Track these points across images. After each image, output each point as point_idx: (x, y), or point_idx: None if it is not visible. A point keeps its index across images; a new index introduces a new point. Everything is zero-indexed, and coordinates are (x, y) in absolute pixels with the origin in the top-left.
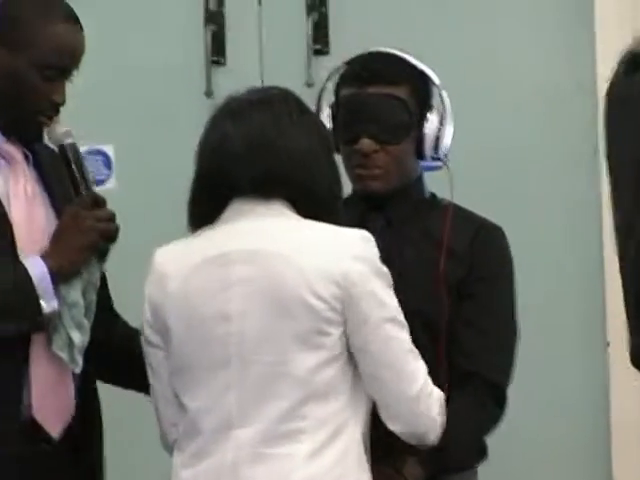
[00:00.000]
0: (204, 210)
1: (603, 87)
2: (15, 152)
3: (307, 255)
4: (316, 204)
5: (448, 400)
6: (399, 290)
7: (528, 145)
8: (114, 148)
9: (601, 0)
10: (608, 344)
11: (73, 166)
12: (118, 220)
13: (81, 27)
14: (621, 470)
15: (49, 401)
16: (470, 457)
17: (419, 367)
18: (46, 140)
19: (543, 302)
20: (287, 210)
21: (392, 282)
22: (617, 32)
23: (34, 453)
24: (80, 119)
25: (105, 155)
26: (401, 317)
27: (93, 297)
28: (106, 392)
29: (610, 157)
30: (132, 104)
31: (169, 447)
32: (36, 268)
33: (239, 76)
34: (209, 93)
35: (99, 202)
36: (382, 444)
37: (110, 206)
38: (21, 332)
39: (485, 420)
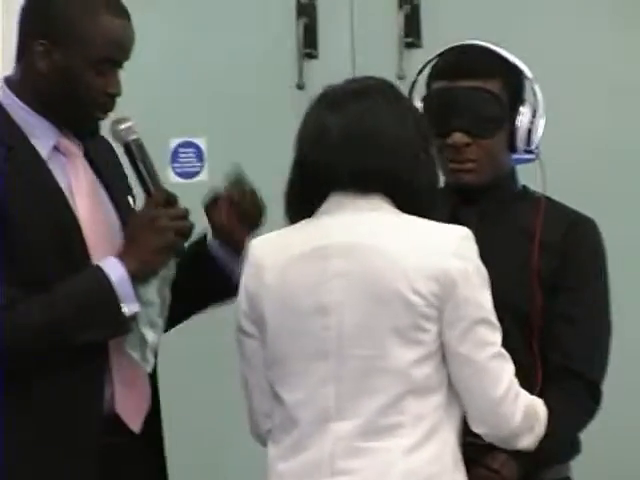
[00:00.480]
0: (302, 202)
1: None
2: (74, 147)
3: (406, 251)
4: (415, 198)
5: (541, 395)
6: (491, 284)
7: (621, 139)
8: (206, 141)
9: None
10: None
11: (139, 163)
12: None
13: (129, 18)
14: None
15: (130, 396)
16: (565, 452)
17: (505, 369)
18: (110, 137)
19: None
20: (386, 204)
21: (489, 281)
22: None
23: (115, 446)
24: (173, 112)
25: (197, 147)
26: (494, 319)
27: (167, 293)
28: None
29: None
30: (225, 97)
31: (261, 437)
32: (115, 271)
33: (330, 69)
34: (301, 86)
35: (171, 200)
36: (473, 447)
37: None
38: (105, 339)
39: (581, 416)
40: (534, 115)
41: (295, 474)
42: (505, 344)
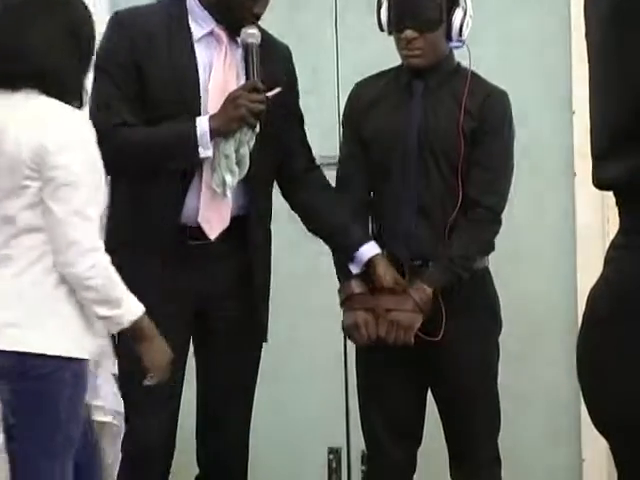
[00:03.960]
0: None
1: None
2: (223, 35)
3: (21, 127)
4: (61, 89)
5: (456, 222)
6: (432, 139)
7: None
8: None
9: None
10: None
11: (250, 60)
12: None
13: None
14: None
15: (210, 211)
16: (481, 253)
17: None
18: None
19: None
20: (34, 94)
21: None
22: None
23: (195, 246)
24: None
25: None
26: (76, 183)
27: (244, 152)
28: None
29: None
30: None
31: None
32: (201, 125)
33: None
34: None
35: (257, 88)
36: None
37: None
38: (184, 167)
39: (482, 234)
40: (464, 15)
41: None
42: (441, 180)
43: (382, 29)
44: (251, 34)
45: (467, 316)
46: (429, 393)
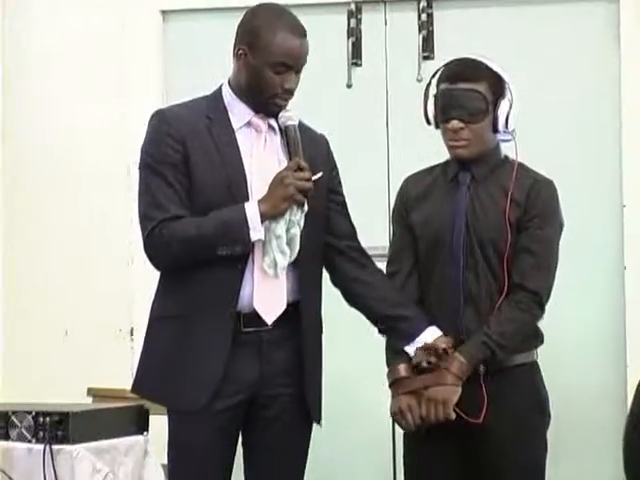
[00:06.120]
0: None
1: None
2: (261, 123)
3: None
4: None
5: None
6: (479, 230)
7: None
8: None
9: None
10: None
11: (291, 141)
12: None
13: (304, 36)
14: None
15: (266, 296)
16: (527, 343)
17: None
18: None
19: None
20: None
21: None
22: None
23: (253, 333)
24: None
25: None
26: None
27: (295, 232)
28: None
29: None
30: None
31: None
32: (251, 209)
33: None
34: (349, 85)
35: (301, 167)
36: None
37: None
38: (236, 253)
39: (525, 318)
40: (510, 107)
41: None
42: (489, 270)
43: (429, 122)
44: (289, 116)
45: (513, 408)
46: None
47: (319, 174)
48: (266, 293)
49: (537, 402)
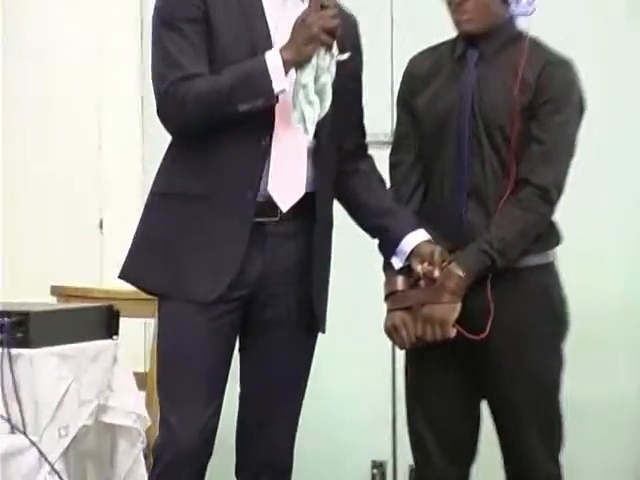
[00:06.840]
0: None
1: None
2: None
3: None
4: None
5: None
6: (486, 113)
7: None
8: None
9: None
10: None
11: None
12: None
13: None
14: None
15: (283, 179)
16: (544, 241)
17: None
18: None
19: None
20: None
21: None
22: None
23: (256, 225)
24: None
25: None
26: None
27: (326, 80)
28: None
29: None
30: None
31: None
32: (272, 58)
33: None
34: None
35: (325, 5)
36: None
37: None
38: (260, 106)
39: (530, 216)
40: None
41: None
42: (496, 160)
43: None
44: None
45: (522, 317)
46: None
47: (346, 54)
48: (284, 176)
49: (549, 309)
